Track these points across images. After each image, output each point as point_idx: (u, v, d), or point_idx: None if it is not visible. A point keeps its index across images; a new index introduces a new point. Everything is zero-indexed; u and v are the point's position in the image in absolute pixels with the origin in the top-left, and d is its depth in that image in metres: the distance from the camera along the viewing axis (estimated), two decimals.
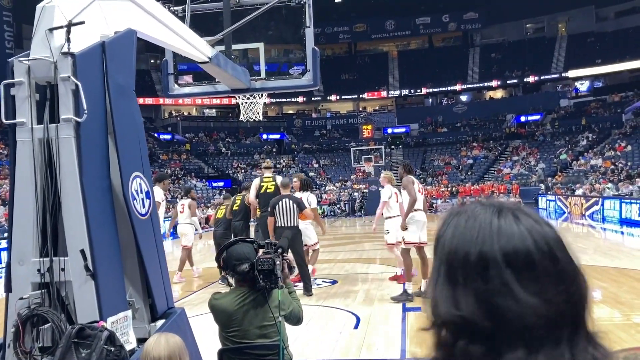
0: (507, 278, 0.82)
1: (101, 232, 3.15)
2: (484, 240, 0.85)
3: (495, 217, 0.87)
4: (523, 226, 0.86)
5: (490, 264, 0.83)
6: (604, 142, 35.79)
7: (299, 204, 8.53)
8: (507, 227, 0.85)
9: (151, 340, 2.48)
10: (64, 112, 3.06)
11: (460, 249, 0.86)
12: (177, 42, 4.80)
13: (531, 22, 50.08)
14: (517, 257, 0.83)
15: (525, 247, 0.84)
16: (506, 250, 0.83)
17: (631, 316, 6.46)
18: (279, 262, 3.11)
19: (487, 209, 0.89)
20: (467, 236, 0.86)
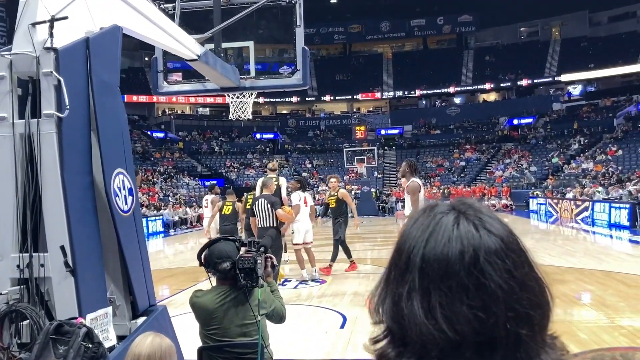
0: (414, 286, 0.80)
1: (82, 228, 3.14)
2: (416, 243, 0.84)
3: (437, 220, 0.85)
4: (460, 239, 0.82)
5: (410, 269, 0.82)
6: (596, 146, 36.00)
7: (273, 204, 8.52)
8: (439, 237, 0.83)
9: (138, 338, 2.48)
10: (45, 108, 3.05)
11: (399, 250, 0.86)
12: (164, 39, 4.79)
13: (525, 25, 50.31)
14: (434, 265, 0.80)
15: (444, 256, 0.80)
16: (426, 261, 0.81)
17: (615, 319, 6.50)
18: (260, 261, 3.11)
19: (440, 212, 0.87)
20: (408, 239, 0.86)
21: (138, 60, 45.68)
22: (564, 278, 9.24)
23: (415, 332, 0.79)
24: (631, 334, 5.81)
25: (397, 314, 0.81)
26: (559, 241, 15.87)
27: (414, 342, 0.80)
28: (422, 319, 0.78)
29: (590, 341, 5.56)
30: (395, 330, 0.82)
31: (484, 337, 0.78)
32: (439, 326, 0.77)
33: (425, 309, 0.79)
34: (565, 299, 7.70)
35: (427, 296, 0.79)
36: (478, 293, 0.78)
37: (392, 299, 0.83)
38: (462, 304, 0.78)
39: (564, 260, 11.40)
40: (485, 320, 0.77)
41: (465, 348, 0.77)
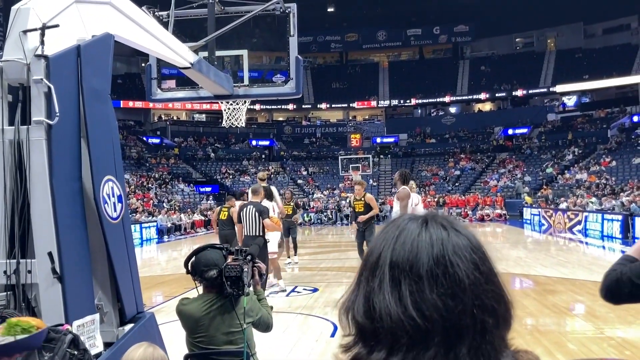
0: (384, 279, 0.85)
1: (70, 235, 3.15)
2: (385, 244, 0.89)
3: (404, 224, 0.90)
4: (428, 234, 0.88)
5: (380, 265, 0.87)
6: (590, 156, 36.18)
7: (261, 212, 8.39)
8: (407, 234, 0.88)
9: (131, 348, 2.49)
10: (35, 114, 3.06)
11: (369, 253, 0.91)
12: (157, 47, 4.81)
13: (521, 36, 50.63)
14: (404, 257, 0.85)
15: (414, 248, 0.86)
16: (396, 254, 0.86)
17: (604, 330, 6.53)
18: (247, 269, 3.13)
19: (407, 219, 0.93)
20: (378, 242, 0.91)
21: (134, 65, 45.70)
22: (556, 289, 9.27)
23: (386, 321, 0.82)
24: (620, 345, 5.84)
25: (368, 309, 0.85)
26: (552, 251, 15.93)
27: (385, 333, 0.83)
28: (392, 307, 0.82)
29: (579, 352, 5.59)
30: (367, 327, 0.85)
31: (451, 324, 0.82)
32: (409, 313, 0.82)
33: (396, 298, 0.83)
34: (556, 310, 7.73)
35: (398, 286, 0.84)
36: (446, 282, 0.83)
37: (363, 295, 0.87)
38: (432, 292, 0.82)
39: (556, 270, 11.44)
40: (453, 308, 0.82)
41: (433, 335, 0.81)
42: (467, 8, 46.62)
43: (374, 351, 0.84)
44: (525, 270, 11.53)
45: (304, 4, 7.37)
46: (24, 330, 1.42)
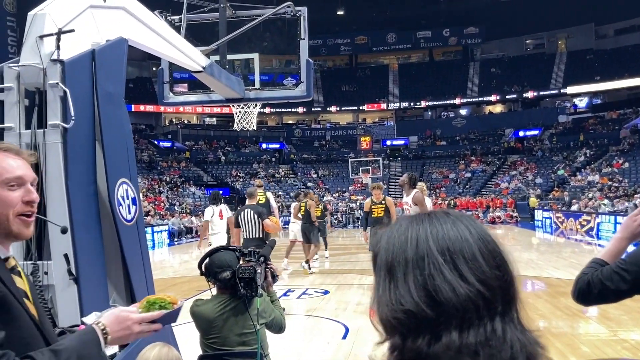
0: (439, 264, 0.90)
1: (85, 237, 3.19)
2: (418, 239, 0.94)
3: (426, 222, 0.96)
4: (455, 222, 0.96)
5: (425, 255, 0.91)
6: (602, 158, 35.89)
7: (260, 214, 8.47)
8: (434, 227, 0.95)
9: (145, 348, 2.51)
10: (51, 118, 3.11)
11: (397, 252, 0.94)
12: (170, 51, 4.86)
13: (531, 38, 50.38)
14: (453, 246, 0.92)
15: (461, 238, 0.93)
16: (441, 242, 0.92)
17: (618, 332, 6.48)
18: (260, 271, 3.15)
19: (416, 218, 0.98)
20: (402, 240, 0.95)
21: (146, 70, 46.02)
22: (568, 291, 9.12)
23: (452, 301, 0.88)
24: (634, 348, 5.80)
25: (426, 296, 0.89)
26: (563, 254, 15.81)
27: (450, 314, 0.87)
28: (458, 286, 0.88)
29: (593, 354, 5.55)
30: (423, 315, 0.89)
31: (505, 292, 0.90)
32: (476, 287, 0.88)
33: (457, 277, 0.89)
34: (569, 312, 7.68)
35: (456, 268, 0.90)
36: (492, 256, 0.92)
37: (415, 287, 0.90)
38: (488, 266, 0.90)
39: (568, 272, 11.35)
40: (503, 277, 0.91)
41: (496, 304, 0.89)
42: (477, 10, 46.51)
43: (441, 336, 0.87)
44: (537, 273, 11.46)
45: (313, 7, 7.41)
46: (162, 306, 1.55)
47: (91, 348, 1.45)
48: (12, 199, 1.47)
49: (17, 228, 1.49)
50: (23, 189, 1.50)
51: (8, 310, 1.40)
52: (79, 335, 1.49)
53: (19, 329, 1.41)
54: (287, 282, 10.99)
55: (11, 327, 1.37)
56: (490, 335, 0.86)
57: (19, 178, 1.49)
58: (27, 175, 1.53)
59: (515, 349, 0.87)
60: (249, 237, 8.47)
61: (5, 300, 1.39)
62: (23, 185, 1.50)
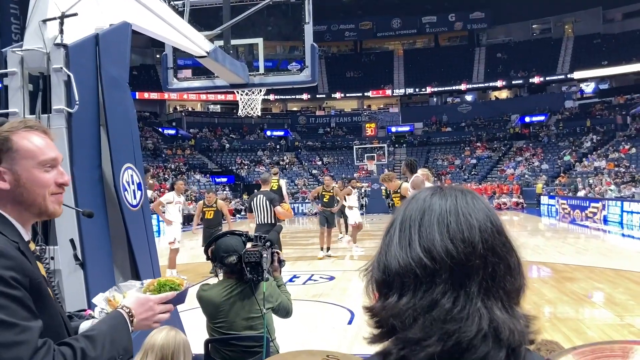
0: (394, 231, 0.93)
1: (91, 222, 3.18)
2: (404, 208, 0.96)
3: (418, 193, 0.98)
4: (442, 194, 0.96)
5: (392, 224, 0.95)
6: (608, 144, 35.68)
7: (271, 201, 8.57)
8: (420, 196, 0.97)
9: (153, 331, 2.52)
10: (56, 103, 3.10)
11: (394, 216, 0.98)
12: (174, 36, 4.83)
13: (537, 22, 49.89)
14: (414, 215, 0.93)
15: (427, 206, 0.93)
16: (408, 210, 0.94)
17: (625, 317, 6.47)
18: (266, 255, 3.14)
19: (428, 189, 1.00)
20: (404, 210, 0.97)
21: (149, 57, 45.92)
22: (574, 276, 9.20)
23: (395, 267, 0.89)
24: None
25: (382, 263, 0.92)
26: (570, 239, 15.78)
27: (394, 280, 0.90)
28: (401, 254, 0.90)
29: (599, 339, 5.53)
30: (380, 280, 0.92)
31: (459, 264, 0.88)
32: (416, 255, 0.88)
33: (405, 245, 0.90)
34: (575, 297, 7.68)
35: (408, 235, 0.91)
36: (457, 226, 0.90)
37: (377, 254, 0.94)
38: (441, 235, 0.89)
39: (574, 258, 11.35)
40: (462, 249, 0.88)
41: (440, 273, 0.87)
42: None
43: (388, 299, 0.90)
44: (543, 258, 11.44)
45: None
46: (172, 288, 1.63)
47: (121, 331, 1.51)
48: (47, 180, 1.49)
49: (53, 207, 1.52)
50: (56, 170, 1.53)
51: (43, 298, 1.41)
52: (108, 320, 1.54)
53: (50, 317, 1.42)
54: (291, 267, 11.02)
55: (46, 315, 1.39)
56: (430, 304, 0.86)
57: (54, 160, 1.52)
58: (60, 157, 1.56)
59: (481, 326, 0.84)
60: (261, 222, 8.59)
61: (40, 287, 1.40)
62: (56, 167, 1.53)
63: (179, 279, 1.69)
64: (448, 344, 0.84)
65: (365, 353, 4.67)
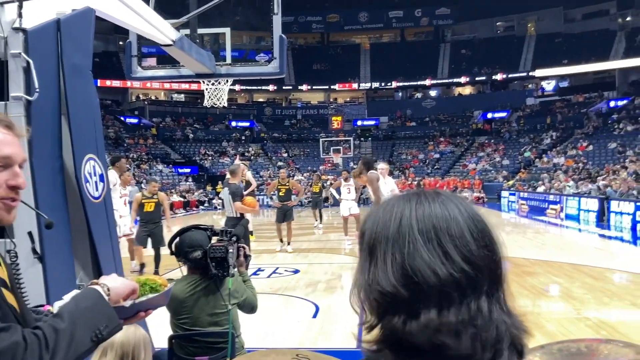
0: (418, 243, 0.87)
1: (50, 214, 3.06)
2: (402, 217, 0.91)
3: (414, 200, 0.93)
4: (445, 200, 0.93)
5: (407, 234, 0.89)
6: (567, 141, 36.64)
7: (233, 194, 8.46)
8: (422, 205, 0.92)
9: None
10: (13, 90, 2.97)
11: (380, 231, 0.91)
12: (139, 23, 4.69)
13: (502, 20, 50.74)
14: (439, 224, 0.88)
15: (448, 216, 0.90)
16: (424, 220, 0.89)
17: (581, 310, 6.65)
18: (232, 250, 3.09)
19: (404, 196, 0.96)
20: (386, 219, 0.92)
21: (112, 44, 44.82)
22: (534, 270, 9.42)
23: (431, 280, 0.84)
24: (596, 326, 5.96)
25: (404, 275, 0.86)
26: (529, 234, 16.16)
27: (429, 293, 0.85)
28: (438, 264, 0.85)
29: (558, 332, 5.68)
30: (401, 295, 0.86)
31: (493, 272, 0.88)
32: (460, 266, 0.85)
33: (440, 256, 0.86)
34: (534, 291, 7.86)
35: (440, 245, 0.87)
36: (481, 236, 0.89)
37: (392, 265, 0.88)
38: (476, 244, 0.88)
39: (534, 252, 11.61)
40: (492, 257, 0.88)
41: (482, 283, 0.86)
42: None
43: (419, 314, 0.84)
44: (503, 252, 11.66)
45: None
46: (152, 289, 1.45)
47: (96, 304, 1.31)
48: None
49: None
50: (9, 171, 1.32)
51: None
52: (77, 296, 1.34)
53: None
54: (257, 260, 10.96)
55: None
56: (474, 314, 0.84)
57: (6, 158, 1.30)
58: (17, 155, 1.34)
59: (500, 330, 0.85)
60: (229, 215, 8.54)
61: None
62: (10, 167, 1.32)
63: (161, 279, 1.55)
64: (487, 356, 0.83)
65: (329, 347, 4.67)
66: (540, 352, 1.72)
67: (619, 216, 17.09)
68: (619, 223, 16.88)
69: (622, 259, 11.28)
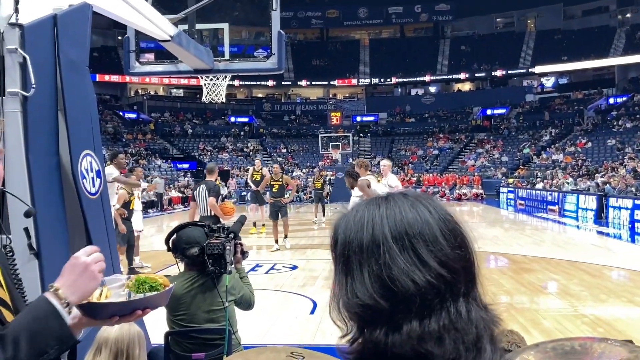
0: (394, 252, 0.85)
1: (47, 211, 3.06)
2: (374, 225, 0.88)
3: (383, 205, 0.91)
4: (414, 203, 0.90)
5: (381, 243, 0.86)
6: (566, 137, 36.65)
7: (209, 191, 8.36)
8: (392, 210, 0.89)
9: (105, 325, 2.45)
10: (10, 85, 2.95)
11: (353, 240, 0.89)
12: (137, 18, 4.68)
13: (501, 16, 50.68)
14: (413, 230, 0.86)
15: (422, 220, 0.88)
16: (398, 227, 0.87)
17: (578, 307, 6.66)
18: (229, 247, 3.08)
19: (373, 202, 0.93)
20: (358, 227, 0.89)
21: (111, 39, 44.72)
22: (532, 267, 9.43)
23: (410, 288, 0.83)
24: (593, 323, 5.97)
25: (382, 287, 0.84)
26: (528, 231, 16.17)
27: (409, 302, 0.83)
28: (415, 272, 0.83)
29: (554, 329, 5.70)
30: (380, 306, 0.84)
31: (468, 271, 0.87)
32: (436, 271, 0.83)
33: (415, 262, 0.84)
34: (532, 288, 7.87)
35: (414, 252, 0.85)
36: (453, 236, 0.87)
37: (369, 278, 0.86)
38: (450, 247, 0.86)
39: (532, 249, 11.63)
40: (466, 256, 0.87)
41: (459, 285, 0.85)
42: None
43: (401, 325, 0.82)
44: (501, 249, 11.70)
45: None
46: (152, 287, 1.40)
47: (46, 319, 1.20)
48: None
49: None
50: None
51: None
52: (27, 311, 1.24)
53: None
54: (255, 257, 10.96)
55: None
56: (455, 317, 0.83)
57: None
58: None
59: (480, 328, 0.84)
60: (203, 214, 8.35)
61: None
62: None
63: (162, 278, 1.51)
64: (470, 355, 0.82)
65: (327, 344, 4.68)
66: (534, 350, 1.72)
67: (617, 213, 17.11)
68: (617, 220, 16.91)
69: (620, 256, 11.30)
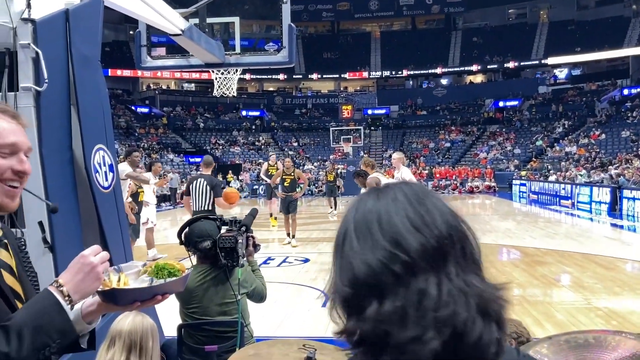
0: (352, 238, 0.87)
1: (61, 205, 3.08)
2: (345, 220, 0.92)
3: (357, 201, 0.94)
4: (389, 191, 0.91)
5: (346, 233, 0.89)
6: (579, 129, 36.29)
7: (213, 188, 7.98)
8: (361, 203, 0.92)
9: (119, 317, 2.47)
10: (23, 81, 2.98)
11: (337, 235, 0.92)
12: (148, 13, 4.70)
13: (513, 7, 50.15)
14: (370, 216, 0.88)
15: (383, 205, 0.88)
16: (359, 214, 0.89)
17: (591, 300, 6.62)
18: (241, 240, 3.10)
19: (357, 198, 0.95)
20: (346, 218, 0.92)
21: (122, 33, 44.89)
22: (545, 260, 9.38)
23: (367, 274, 0.83)
24: (607, 315, 5.93)
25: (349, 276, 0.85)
26: (541, 223, 16.06)
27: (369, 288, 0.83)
28: (369, 256, 0.84)
29: (568, 322, 5.67)
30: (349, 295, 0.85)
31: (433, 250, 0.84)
32: (389, 253, 0.83)
33: (369, 247, 0.85)
34: (545, 281, 7.83)
35: (369, 236, 0.86)
36: (417, 216, 0.86)
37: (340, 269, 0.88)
38: (405, 228, 0.85)
39: (545, 242, 11.56)
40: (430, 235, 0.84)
41: (419, 265, 0.83)
42: None
43: (365, 310, 0.82)
44: (514, 242, 11.64)
45: None
46: (170, 273, 1.46)
47: (49, 313, 1.25)
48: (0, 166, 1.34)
49: (0, 199, 1.35)
50: (15, 157, 1.37)
51: None
52: (31, 304, 1.29)
53: None
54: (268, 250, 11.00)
55: None
56: (418, 296, 0.81)
57: (12, 145, 1.36)
58: (22, 143, 1.39)
59: (459, 302, 0.81)
60: (198, 209, 7.95)
61: None
62: (16, 154, 1.37)
63: (179, 264, 1.56)
64: (446, 333, 0.80)
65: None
66: (547, 343, 1.72)
67: (631, 204, 16.94)
68: (632, 212, 16.74)
69: (634, 248, 11.20)
